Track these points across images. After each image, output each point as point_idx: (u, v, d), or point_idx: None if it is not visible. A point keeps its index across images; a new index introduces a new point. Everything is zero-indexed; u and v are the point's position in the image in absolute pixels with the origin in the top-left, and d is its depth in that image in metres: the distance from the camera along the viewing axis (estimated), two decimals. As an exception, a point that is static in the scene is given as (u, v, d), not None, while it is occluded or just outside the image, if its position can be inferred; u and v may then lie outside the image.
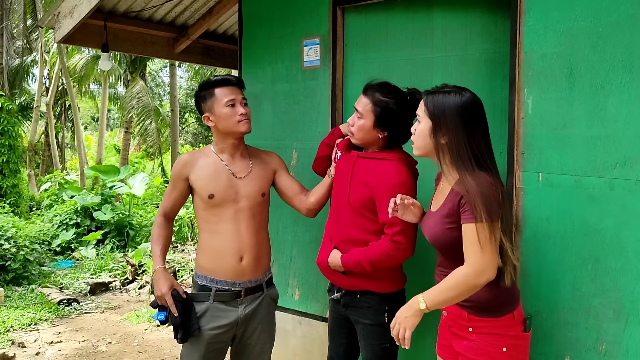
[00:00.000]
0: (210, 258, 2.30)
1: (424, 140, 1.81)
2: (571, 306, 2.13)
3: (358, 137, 2.19)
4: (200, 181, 2.29)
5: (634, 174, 1.98)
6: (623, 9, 1.99)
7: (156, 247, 2.37)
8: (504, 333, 1.79)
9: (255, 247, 2.32)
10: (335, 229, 2.27)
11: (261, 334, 2.39)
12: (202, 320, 2.26)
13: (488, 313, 1.79)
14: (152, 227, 2.45)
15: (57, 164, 17.45)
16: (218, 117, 2.28)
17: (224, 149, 2.36)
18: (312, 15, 2.93)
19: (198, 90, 2.35)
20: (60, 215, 9.01)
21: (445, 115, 1.74)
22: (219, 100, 2.27)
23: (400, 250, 2.09)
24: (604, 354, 2.07)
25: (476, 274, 1.67)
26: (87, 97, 22.08)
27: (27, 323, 5.24)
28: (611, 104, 2.02)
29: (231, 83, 2.31)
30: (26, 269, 6.75)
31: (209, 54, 5.19)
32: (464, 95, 1.77)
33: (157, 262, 2.32)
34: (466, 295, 1.71)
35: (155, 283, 2.29)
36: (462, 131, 1.73)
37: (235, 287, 2.28)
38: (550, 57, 2.15)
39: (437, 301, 1.73)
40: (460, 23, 2.50)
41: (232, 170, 2.32)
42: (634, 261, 1.99)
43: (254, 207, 2.33)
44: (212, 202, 2.27)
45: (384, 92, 2.14)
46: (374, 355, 2.22)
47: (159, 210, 2.44)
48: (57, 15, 3.81)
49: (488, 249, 1.66)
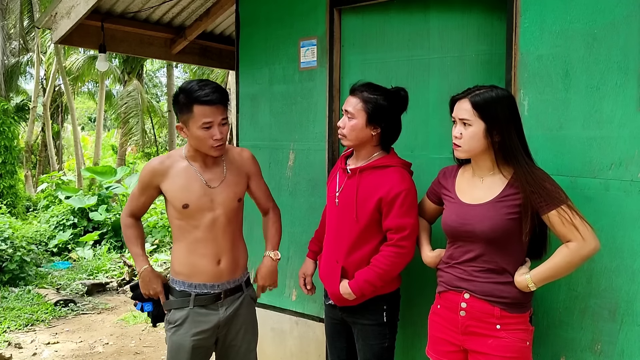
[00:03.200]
0: (188, 264, 2.24)
1: (478, 142, 1.85)
2: (567, 306, 2.14)
3: (351, 138, 2.19)
4: (173, 191, 2.20)
5: (629, 175, 1.99)
6: (618, 11, 2.00)
7: (135, 247, 2.31)
8: (526, 328, 1.88)
9: (233, 249, 2.28)
10: (342, 251, 2.23)
11: (245, 334, 2.36)
12: (184, 326, 2.22)
13: (518, 309, 1.86)
14: (123, 228, 2.37)
15: (53, 164, 17.43)
16: (191, 135, 2.14)
17: (195, 157, 2.24)
18: (309, 16, 2.94)
19: (179, 91, 2.16)
20: (57, 216, 9.01)
21: (498, 114, 1.82)
22: (195, 119, 2.10)
23: (403, 255, 2.11)
24: (599, 354, 2.08)
25: (587, 244, 1.76)
26: (84, 98, 22.05)
27: (23, 324, 5.24)
28: (606, 105, 2.03)
29: (214, 102, 2.09)
30: (23, 270, 6.74)
31: (206, 55, 5.19)
32: (503, 91, 1.87)
33: (143, 262, 2.28)
34: (572, 270, 1.83)
35: (146, 283, 2.27)
36: (513, 126, 1.83)
37: (214, 290, 2.24)
38: (546, 58, 2.16)
39: (544, 276, 1.82)
40: (456, 24, 2.50)
41: (205, 179, 2.22)
42: (629, 261, 2.00)
43: (230, 212, 2.26)
44: (187, 212, 2.19)
45: (371, 90, 2.17)
46: (374, 354, 2.23)
47: (126, 211, 2.36)
48: (54, 15, 3.80)
49: (586, 221, 1.78)
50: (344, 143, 2.24)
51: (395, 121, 2.21)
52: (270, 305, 3.17)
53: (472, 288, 1.89)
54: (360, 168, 2.20)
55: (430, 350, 2.03)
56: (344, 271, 2.21)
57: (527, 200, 1.80)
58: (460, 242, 1.94)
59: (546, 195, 1.78)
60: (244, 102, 3.30)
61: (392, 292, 2.25)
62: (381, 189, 2.12)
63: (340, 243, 2.23)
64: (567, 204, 1.78)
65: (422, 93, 2.58)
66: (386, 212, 2.12)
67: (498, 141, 1.83)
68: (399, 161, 2.20)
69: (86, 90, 21.61)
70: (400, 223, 2.09)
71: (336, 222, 2.27)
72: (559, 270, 1.81)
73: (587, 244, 1.77)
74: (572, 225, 1.76)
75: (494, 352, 1.84)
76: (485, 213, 1.85)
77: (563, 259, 1.79)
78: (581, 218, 1.77)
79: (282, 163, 3.12)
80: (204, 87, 2.10)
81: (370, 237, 2.18)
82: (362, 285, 2.13)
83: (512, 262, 1.88)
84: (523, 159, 1.83)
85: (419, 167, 2.53)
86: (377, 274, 2.11)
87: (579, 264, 1.81)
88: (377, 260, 2.13)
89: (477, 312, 1.88)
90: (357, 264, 2.18)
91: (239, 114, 3.35)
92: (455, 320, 1.93)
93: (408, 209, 2.10)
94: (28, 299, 6.00)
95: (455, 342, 1.93)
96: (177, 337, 2.23)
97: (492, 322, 1.85)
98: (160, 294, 2.28)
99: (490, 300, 1.85)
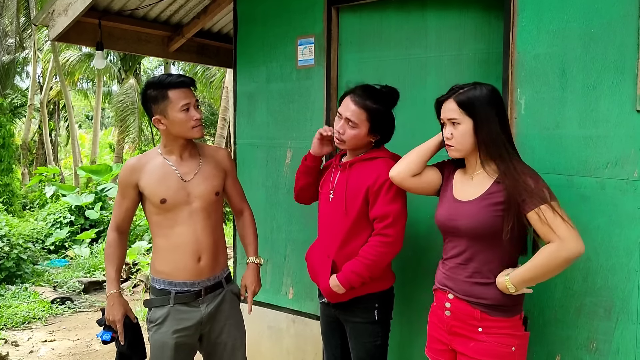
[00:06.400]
0: (168, 261, 2.23)
1: (470, 139, 1.83)
2: (562, 304, 2.15)
3: (350, 145, 2.19)
4: (150, 187, 2.21)
5: (625, 173, 2.00)
6: (614, 11, 2.01)
7: (110, 269, 2.28)
8: (512, 333, 1.81)
9: (212, 246, 2.27)
10: (333, 245, 2.23)
11: (230, 330, 2.34)
12: (165, 324, 2.21)
13: (502, 312, 1.80)
14: (105, 246, 2.34)
15: (50, 162, 17.39)
16: (172, 122, 2.17)
17: (172, 150, 2.26)
18: (307, 14, 2.94)
19: (147, 88, 2.21)
20: (54, 214, 8.98)
21: (484, 109, 1.80)
22: (173, 104, 2.15)
23: (388, 244, 2.09)
24: (594, 352, 2.09)
25: (566, 246, 1.68)
26: (80, 96, 21.99)
27: (20, 322, 5.23)
28: (603, 105, 2.04)
29: (185, 84, 2.19)
30: (20, 268, 6.72)
31: (203, 53, 5.18)
32: (487, 87, 1.84)
33: (111, 286, 2.26)
34: (558, 271, 1.74)
35: (109, 308, 2.23)
36: (497, 121, 1.80)
37: (194, 287, 2.23)
38: (543, 57, 2.16)
39: (523, 278, 1.75)
40: (454, 23, 2.51)
41: (180, 173, 2.24)
42: (625, 260, 2.01)
43: (208, 206, 2.26)
44: (165, 206, 2.20)
45: (373, 98, 2.15)
46: (366, 352, 2.23)
47: (111, 225, 2.33)
48: (51, 13, 3.79)
49: (570, 222, 1.70)
50: (341, 147, 2.23)
51: (393, 125, 2.23)
52: (267, 304, 3.17)
53: (455, 288, 1.88)
54: (350, 162, 2.22)
55: (427, 349, 2.02)
56: (334, 266, 2.21)
57: (508, 197, 1.76)
58: (449, 238, 1.94)
59: (527, 193, 1.72)
60: (242, 100, 3.29)
61: (385, 291, 2.24)
62: (369, 179, 2.13)
63: (331, 238, 2.24)
64: (549, 204, 1.71)
65: (419, 92, 2.59)
66: (372, 201, 2.12)
67: (483, 137, 1.81)
68: (387, 153, 2.22)
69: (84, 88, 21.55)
70: (384, 211, 2.08)
71: (328, 218, 2.28)
72: (537, 272, 1.73)
73: (566, 245, 1.68)
74: (551, 225, 1.69)
75: (474, 355, 1.81)
76: (471, 209, 1.84)
77: (541, 261, 1.72)
78: (563, 219, 1.69)
79: (280, 161, 3.12)
80: (170, 75, 2.21)
81: (361, 231, 2.17)
82: (349, 276, 2.12)
83: (496, 263, 1.82)
84: (507, 155, 1.79)
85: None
86: (364, 265, 2.10)
87: (560, 267, 1.72)
88: (364, 250, 2.13)
89: (460, 313, 1.86)
90: (348, 257, 2.17)
91: (236, 112, 3.35)
92: (442, 320, 1.93)
93: (393, 198, 2.09)
94: (25, 296, 5.99)
95: (445, 341, 1.92)
96: (159, 335, 2.22)
97: (474, 324, 1.82)
98: (117, 324, 2.22)
99: (471, 302, 1.83)
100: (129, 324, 2.26)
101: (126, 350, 2.27)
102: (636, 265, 1.99)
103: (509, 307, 1.81)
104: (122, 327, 2.23)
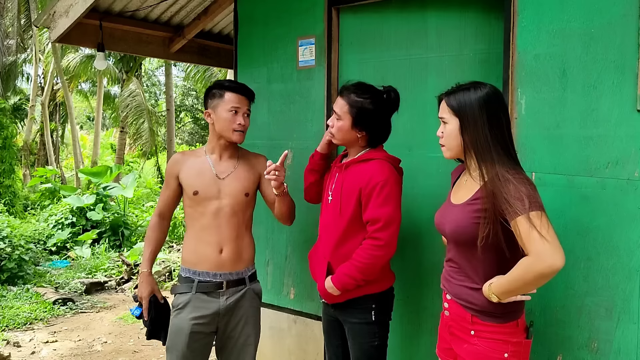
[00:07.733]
0: (193, 251, 2.41)
1: (455, 140, 1.80)
2: (564, 305, 2.15)
3: (338, 138, 2.23)
4: (187, 179, 2.43)
5: (626, 173, 2.00)
6: (615, 10, 2.01)
7: (147, 249, 2.52)
8: (506, 339, 1.76)
9: (235, 240, 2.41)
10: (329, 247, 2.24)
11: (245, 327, 2.44)
12: (185, 310, 2.37)
13: (494, 318, 1.76)
14: (148, 228, 2.56)
15: (52, 163, 17.41)
16: (218, 118, 2.39)
17: (214, 148, 2.47)
18: (308, 15, 2.94)
19: (211, 87, 2.46)
20: (56, 215, 8.99)
21: (472, 111, 1.74)
22: (224, 103, 2.37)
23: (379, 248, 2.08)
24: (595, 352, 2.09)
25: (540, 260, 1.57)
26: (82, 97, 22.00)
27: (22, 322, 5.24)
28: (603, 104, 2.04)
29: (243, 92, 2.41)
30: (21, 269, 6.72)
31: (204, 54, 5.19)
32: (484, 88, 1.77)
33: (143, 266, 2.51)
34: (536, 284, 1.64)
35: (140, 285, 2.50)
36: (486, 125, 1.73)
37: (216, 279, 2.38)
38: (543, 57, 2.17)
39: (504, 289, 1.68)
40: (454, 24, 2.51)
41: (216, 171, 2.43)
42: (626, 260, 2.01)
43: (235, 205, 2.42)
44: (197, 198, 2.39)
45: (359, 92, 2.17)
46: (363, 353, 2.23)
47: (155, 210, 2.57)
48: (52, 14, 3.80)
49: (547, 235, 1.58)
50: (333, 141, 2.28)
51: (383, 123, 2.21)
52: (269, 304, 3.17)
53: (450, 290, 1.87)
54: (346, 163, 2.23)
55: (437, 349, 2.02)
56: (330, 267, 2.22)
57: (488, 206, 1.68)
58: (447, 240, 1.93)
59: (506, 203, 1.64)
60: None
61: (383, 292, 2.24)
62: (362, 180, 2.13)
63: (328, 239, 2.25)
64: (527, 215, 1.60)
65: (419, 92, 2.59)
66: (365, 203, 2.13)
67: (470, 139, 1.75)
68: (383, 155, 2.21)
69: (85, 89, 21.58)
70: (375, 215, 2.08)
71: (326, 219, 2.29)
72: (516, 285, 1.65)
73: (540, 260, 1.57)
74: (524, 239, 1.60)
75: (467, 357, 1.80)
76: (456, 214, 1.81)
77: (518, 273, 1.63)
78: (540, 233, 1.58)
79: (281, 162, 3.11)
80: (236, 83, 2.46)
81: (356, 232, 2.17)
82: (342, 278, 2.13)
83: (480, 269, 1.78)
84: (494, 160, 1.71)
85: (417, 166, 2.54)
86: (356, 267, 2.11)
87: (537, 280, 1.61)
88: (357, 253, 2.13)
89: (455, 315, 1.85)
90: (343, 259, 2.18)
91: (237, 113, 3.34)
92: (444, 319, 1.94)
93: (384, 201, 2.08)
94: (26, 297, 5.99)
95: (448, 340, 1.93)
96: (177, 320, 2.37)
97: (467, 327, 1.81)
98: (143, 300, 2.47)
99: (463, 305, 1.81)
100: (156, 302, 2.49)
101: (149, 326, 2.49)
102: (637, 265, 1.99)
103: (501, 314, 1.76)
104: (147, 304, 2.47)
